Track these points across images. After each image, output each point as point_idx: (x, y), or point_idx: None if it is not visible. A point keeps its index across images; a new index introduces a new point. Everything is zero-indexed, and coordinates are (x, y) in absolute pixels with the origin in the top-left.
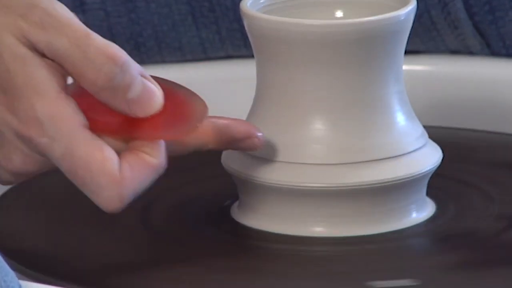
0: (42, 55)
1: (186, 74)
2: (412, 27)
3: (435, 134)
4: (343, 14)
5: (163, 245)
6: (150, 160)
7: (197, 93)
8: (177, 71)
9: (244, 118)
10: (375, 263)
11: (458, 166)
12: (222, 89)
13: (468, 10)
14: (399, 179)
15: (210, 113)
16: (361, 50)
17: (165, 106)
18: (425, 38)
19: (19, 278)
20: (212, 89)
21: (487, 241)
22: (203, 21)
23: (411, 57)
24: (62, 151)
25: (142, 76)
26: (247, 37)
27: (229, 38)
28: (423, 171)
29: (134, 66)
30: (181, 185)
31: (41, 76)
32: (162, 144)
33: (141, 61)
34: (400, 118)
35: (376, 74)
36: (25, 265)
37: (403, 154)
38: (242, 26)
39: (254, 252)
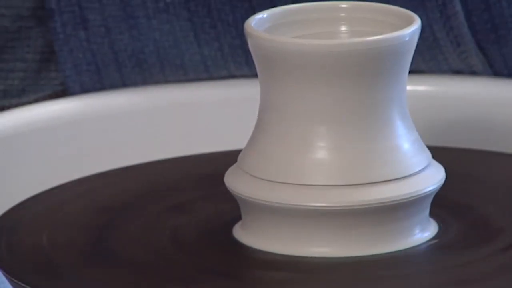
0: None
1: (189, 94)
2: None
3: (438, 154)
4: (347, 34)
5: (164, 264)
6: None
7: (200, 113)
8: (179, 90)
9: (246, 138)
10: (378, 283)
11: (461, 186)
12: (225, 109)
13: (470, 27)
14: (402, 199)
15: (214, 132)
16: (365, 70)
17: None
18: (427, 57)
19: None
20: (215, 109)
21: (489, 261)
22: (205, 38)
23: (414, 77)
24: None
25: None
26: (248, 54)
27: (231, 55)
28: (426, 191)
29: None
30: (183, 205)
31: None
32: None
33: (144, 80)
34: (404, 139)
35: (380, 94)
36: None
37: (407, 176)
38: (244, 43)
39: (257, 273)
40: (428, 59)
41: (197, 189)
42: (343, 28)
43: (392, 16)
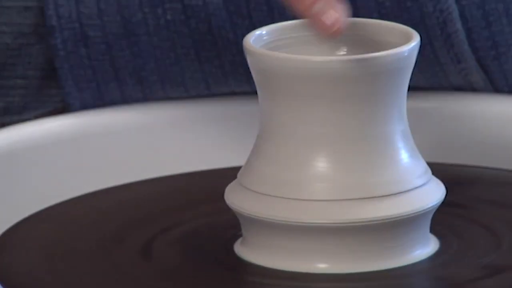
0: None
1: (189, 111)
2: (416, 64)
3: (439, 170)
4: (347, 50)
5: (165, 281)
6: None
7: (201, 129)
8: (180, 107)
9: (247, 154)
10: None
11: (461, 203)
12: (226, 126)
13: (471, 45)
14: (402, 216)
15: (214, 148)
16: (365, 87)
17: None
18: (427, 74)
19: None
20: (216, 126)
21: (491, 277)
22: (206, 55)
23: (414, 94)
24: None
25: None
26: (249, 71)
27: (232, 72)
28: (426, 207)
29: None
30: (184, 221)
31: None
32: None
33: (144, 96)
34: (404, 155)
35: (379, 110)
36: None
37: (407, 191)
38: (244, 60)
39: None
40: (429, 76)
41: (197, 206)
42: (342, 44)
43: (391, 33)
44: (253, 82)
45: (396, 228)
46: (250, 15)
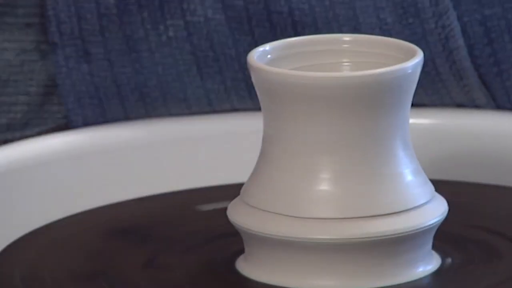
0: None
1: (191, 127)
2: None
3: (441, 187)
4: (350, 67)
5: None
6: None
7: (203, 146)
8: (182, 124)
9: (249, 171)
10: None
11: (464, 220)
12: (228, 143)
13: (473, 61)
14: (405, 233)
15: (217, 165)
16: (367, 103)
17: None
18: (429, 90)
19: None
20: (218, 143)
21: None
22: (208, 71)
23: (416, 110)
24: None
25: None
26: (251, 87)
27: (234, 88)
28: (428, 224)
29: None
30: (186, 237)
31: None
32: None
33: (146, 112)
34: (407, 172)
35: (382, 127)
36: None
37: (410, 209)
38: (247, 76)
39: None
40: (431, 93)
41: (199, 222)
42: (345, 61)
43: (394, 49)
44: (256, 99)
45: (398, 245)
46: (252, 31)
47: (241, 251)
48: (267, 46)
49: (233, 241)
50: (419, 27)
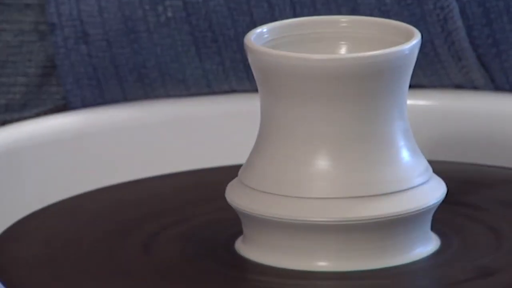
0: None
1: (190, 108)
2: (416, 62)
3: (439, 168)
4: (347, 49)
5: (165, 279)
6: None
7: (201, 127)
8: (180, 105)
9: (247, 152)
10: None
11: (462, 201)
12: (226, 124)
13: (471, 42)
14: (403, 214)
15: (215, 146)
16: (365, 85)
17: None
18: (428, 72)
19: None
20: (216, 124)
21: (490, 276)
22: (206, 52)
23: (415, 92)
24: None
25: None
26: (250, 68)
27: (232, 69)
28: (427, 205)
29: None
30: (185, 219)
31: None
32: None
33: (145, 94)
34: (405, 153)
35: (380, 108)
36: None
37: (407, 189)
38: (245, 57)
39: (258, 287)
40: (430, 74)
41: (198, 203)
42: (343, 43)
43: (392, 31)
44: (254, 80)
45: (396, 226)
46: (251, 12)
47: (240, 232)
48: (264, 28)
49: (232, 222)
50: (418, 8)
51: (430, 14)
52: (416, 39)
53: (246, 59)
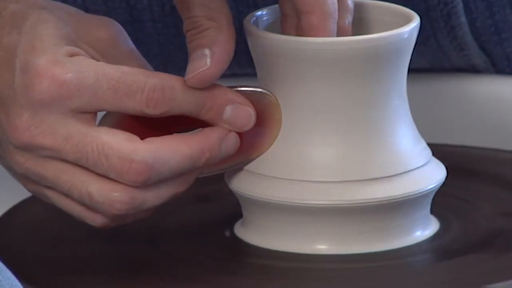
0: None
1: None
2: (418, 49)
3: (439, 151)
4: None
5: (167, 262)
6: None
7: None
8: None
9: None
10: (379, 281)
11: (462, 184)
12: None
13: (474, 32)
14: (403, 197)
15: None
16: (365, 67)
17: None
18: (430, 58)
19: None
20: None
21: (488, 259)
22: None
23: (416, 75)
24: None
25: None
26: (250, 53)
27: (234, 56)
28: (427, 188)
29: None
30: (185, 203)
31: None
32: None
33: None
34: (404, 136)
35: (379, 91)
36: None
37: (407, 172)
38: (246, 44)
39: (258, 270)
40: (431, 59)
41: (197, 188)
42: None
43: (392, 14)
44: (254, 65)
45: (395, 209)
46: (255, 3)
47: (240, 215)
48: (264, 10)
49: (232, 206)
50: (422, 2)
51: (434, 9)
52: (415, 22)
53: (247, 46)
